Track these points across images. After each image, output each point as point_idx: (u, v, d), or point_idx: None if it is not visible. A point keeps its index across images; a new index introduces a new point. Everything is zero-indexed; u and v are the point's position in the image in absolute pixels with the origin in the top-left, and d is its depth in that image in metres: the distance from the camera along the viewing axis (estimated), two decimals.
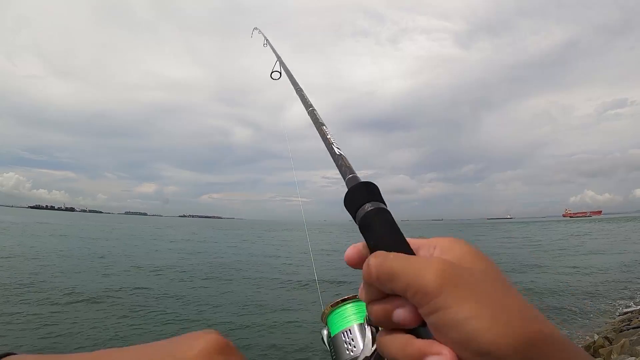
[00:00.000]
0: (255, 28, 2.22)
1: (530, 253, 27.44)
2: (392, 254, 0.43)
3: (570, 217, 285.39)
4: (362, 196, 0.50)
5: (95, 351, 0.41)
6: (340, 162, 0.60)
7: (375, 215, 0.48)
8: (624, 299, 12.76)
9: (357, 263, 0.47)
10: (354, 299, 0.77)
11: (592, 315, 10.89)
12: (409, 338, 0.41)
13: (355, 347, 0.71)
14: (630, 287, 14.58)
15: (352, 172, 0.56)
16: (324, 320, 0.78)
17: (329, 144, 0.66)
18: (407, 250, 0.45)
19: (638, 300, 12.42)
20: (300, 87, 1.06)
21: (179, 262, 21.40)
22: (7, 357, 0.40)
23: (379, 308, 0.43)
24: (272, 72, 1.40)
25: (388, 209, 0.49)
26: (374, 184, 0.51)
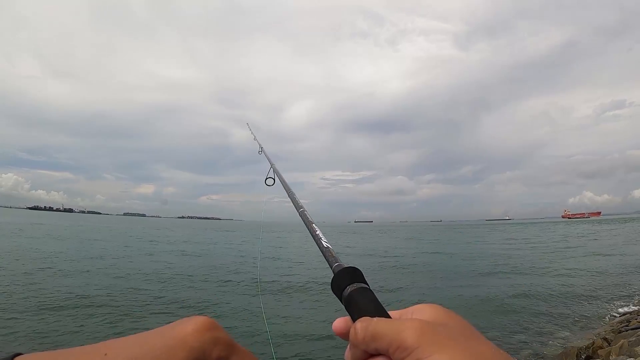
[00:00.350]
0: (249, 129, 2.40)
1: (529, 255, 27.47)
2: (376, 318, 0.51)
3: (569, 218, 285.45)
4: (345, 279, 0.55)
5: (99, 342, 0.47)
6: (328, 254, 0.66)
7: (358, 294, 0.54)
8: (622, 300, 12.79)
9: (344, 334, 0.52)
10: None
11: (590, 316, 10.90)
12: None
13: None
14: (629, 288, 14.62)
15: (337, 261, 0.62)
16: None
17: (318, 239, 0.74)
18: (388, 317, 0.52)
19: (636, 301, 12.45)
20: (292, 191, 1.17)
21: (172, 265, 21.36)
22: (17, 357, 0.44)
23: None
24: (266, 179, 1.50)
25: (370, 289, 0.55)
26: (357, 268, 0.56)
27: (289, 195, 1.15)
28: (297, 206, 1.02)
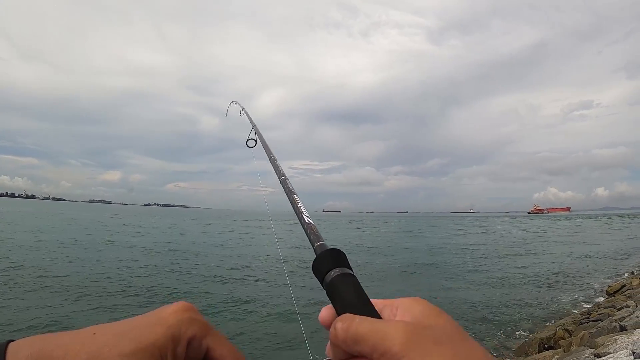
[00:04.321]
0: (233, 102, 2.32)
1: (497, 247, 28.30)
2: (358, 318, 0.48)
3: (538, 213, 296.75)
4: (329, 262, 0.51)
5: (89, 327, 0.49)
6: (310, 231, 0.63)
7: (341, 281, 0.51)
8: (584, 292, 13.30)
9: (330, 326, 0.50)
10: None
11: (553, 308, 11.28)
12: None
13: None
14: (591, 281, 15.25)
15: (320, 239, 0.59)
16: None
17: (299, 213, 0.69)
18: (372, 312, 0.49)
19: (597, 294, 12.97)
20: (273, 156, 1.10)
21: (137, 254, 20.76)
22: (10, 343, 0.46)
23: None
24: (247, 140, 1.45)
25: (354, 274, 0.51)
26: (341, 251, 0.53)
27: (270, 160, 1.08)
28: (279, 174, 0.93)
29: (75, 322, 8.58)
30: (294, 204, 0.74)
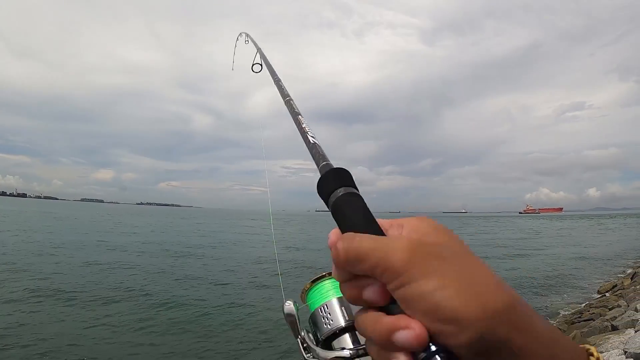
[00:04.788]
0: (240, 34, 2.27)
1: (489, 248, 28.45)
2: (359, 236, 0.44)
3: (531, 213, 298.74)
4: (334, 182, 0.51)
5: None
6: (314, 151, 0.62)
7: (346, 200, 0.49)
8: (576, 292, 13.41)
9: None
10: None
11: (546, 308, 11.35)
12: (379, 315, 0.43)
13: (333, 320, 0.76)
14: (583, 281, 15.39)
15: (325, 159, 0.58)
16: (304, 297, 0.80)
17: (303, 133, 0.69)
18: (377, 231, 0.46)
19: (589, 294, 13.08)
20: (278, 78, 1.10)
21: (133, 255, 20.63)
22: None
23: (349, 288, 0.45)
24: (253, 65, 1.45)
25: (360, 194, 0.50)
26: (346, 170, 0.52)
27: (275, 82, 1.08)
28: (283, 95, 0.94)
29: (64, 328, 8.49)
30: (298, 124, 0.74)
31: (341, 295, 0.69)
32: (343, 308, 0.71)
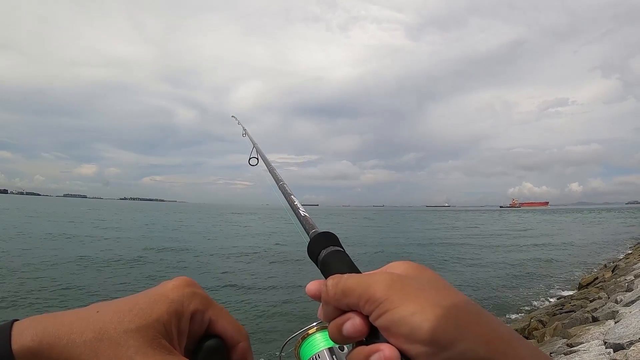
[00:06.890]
0: (233, 116, 2.41)
1: (471, 241, 28.75)
2: (347, 274, 0.50)
3: (515, 207, 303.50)
4: (322, 243, 0.58)
5: (90, 305, 0.50)
6: (305, 222, 0.69)
7: (333, 255, 0.56)
8: (558, 284, 13.56)
9: (317, 296, 0.52)
10: (323, 328, 0.80)
11: (527, 300, 11.45)
12: (360, 348, 0.46)
13: None
14: (565, 274, 15.60)
15: (314, 227, 0.65)
16: (296, 353, 0.83)
17: (296, 209, 0.77)
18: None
19: (571, 286, 13.23)
20: (272, 167, 1.21)
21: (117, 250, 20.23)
22: (15, 322, 0.47)
23: (332, 324, 0.49)
24: (250, 159, 1.57)
25: (345, 252, 0.57)
26: (333, 233, 0.59)
27: (269, 171, 1.20)
28: (277, 180, 1.05)
29: None
30: (291, 203, 0.83)
31: (331, 345, 0.76)
32: (334, 357, 0.73)
